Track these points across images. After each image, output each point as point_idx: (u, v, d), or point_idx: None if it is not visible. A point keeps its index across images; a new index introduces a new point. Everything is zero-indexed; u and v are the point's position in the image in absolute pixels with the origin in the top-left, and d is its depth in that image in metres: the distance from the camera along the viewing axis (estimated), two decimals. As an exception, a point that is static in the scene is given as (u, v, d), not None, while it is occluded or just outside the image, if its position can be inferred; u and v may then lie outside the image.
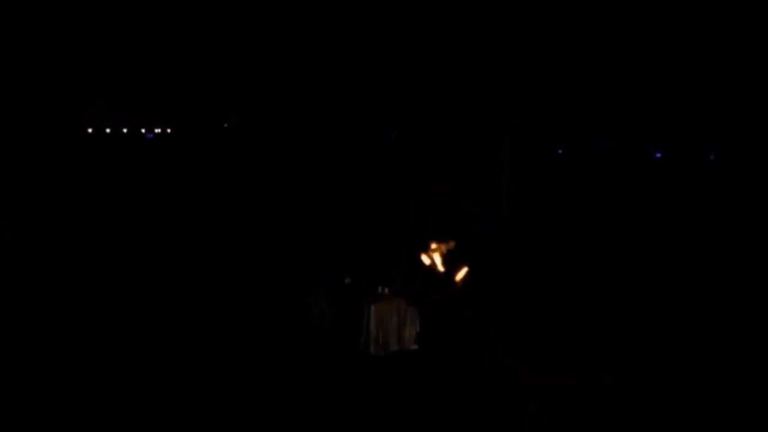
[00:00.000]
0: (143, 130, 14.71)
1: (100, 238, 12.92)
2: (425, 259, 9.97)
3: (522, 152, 12.23)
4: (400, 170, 12.59)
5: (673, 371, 8.64)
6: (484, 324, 10.08)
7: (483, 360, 9.12)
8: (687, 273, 10.97)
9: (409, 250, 10.64)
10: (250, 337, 9.77)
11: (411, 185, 12.05)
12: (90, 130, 14.18)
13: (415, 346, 10.00)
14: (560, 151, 12.61)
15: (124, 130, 14.55)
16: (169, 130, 14.83)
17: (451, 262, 9.97)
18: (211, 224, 13.36)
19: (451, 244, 10.07)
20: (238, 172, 14.14)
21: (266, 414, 7.72)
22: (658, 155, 12.07)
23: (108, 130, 14.43)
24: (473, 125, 12.42)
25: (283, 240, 12.51)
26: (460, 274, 9.80)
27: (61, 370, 8.56)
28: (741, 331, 9.64)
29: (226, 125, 14.98)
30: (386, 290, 10.08)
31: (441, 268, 9.91)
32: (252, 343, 9.59)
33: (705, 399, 7.92)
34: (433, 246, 10.02)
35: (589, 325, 10.01)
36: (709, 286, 10.62)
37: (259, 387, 8.32)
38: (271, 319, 10.32)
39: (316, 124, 13.82)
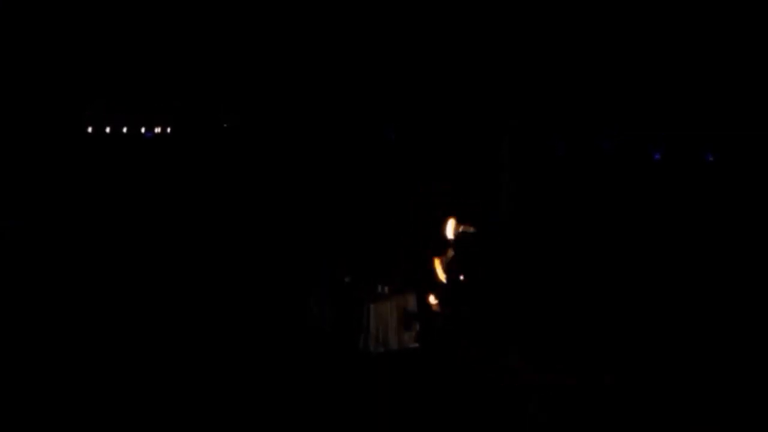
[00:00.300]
0: (143, 130, 14.71)
1: (100, 238, 12.92)
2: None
3: (522, 152, 12.24)
4: (400, 170, 12.59)
5: (673, 371, 8.64)
6: (485, 324, 10.08)
7: (483, 360, 9.12)
8: (687, 272, 10.97)
9: (408, 250, 10.66)
10: (250, 337, 9.77)
11: (411, 185, 12.06)
12: (90, 130, 14.18)
13: (416, 345, 10.02)
14: (560, 152, 12.63)
15: (124, 130, 14.56)
16: (168, 130, 14.83)
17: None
18: (210, 224, 13.36)
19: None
20: (238, 172, 14.13)
21: (266, 414, 7.72)
22: (657, 156, 12.08)
23: (108, 130, 14.44)
24: (473, 125, 12.43)
25: (283, 240, 12.51)
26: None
27: (61, 370, 8.56)
28: (741, 330, 9.65)
29: (225, 125, 14.98)
30: (386, 289, 10.11)
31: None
32: (252, 343, 9.59)
33: (705, 399, 7.92)
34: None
35: (589, 325, 10.01)
36: (709, 286, 10.63)
37: (259, 387, 8.32)
38: (271, 319, 10.32)
39: (316, 124, 13.82)
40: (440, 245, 9.58)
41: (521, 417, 7.64)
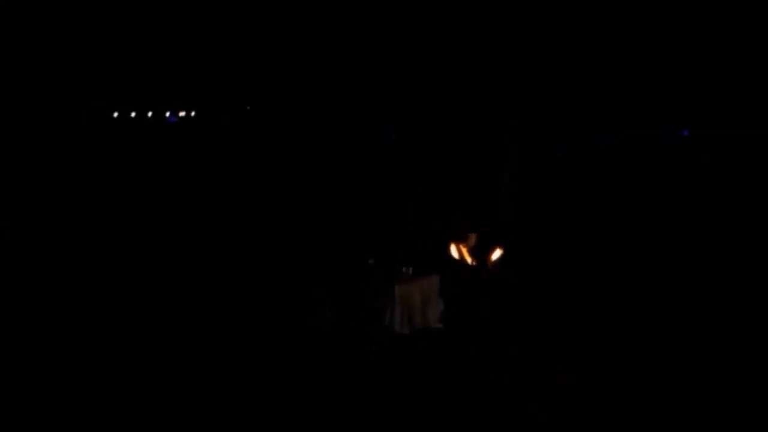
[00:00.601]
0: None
1: (100, 238, 12.93)
2: (454, 252, 10.17)
3: (522, 152, 12.26)
4: (401, 170, 12.62)
5: (672, 371, 8.64)
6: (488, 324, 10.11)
7: (483, 360, 9.13)
8: (687, 272, 10.99)
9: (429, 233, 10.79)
10: (251, 336, 9.77)
11: (411, 185, 12.07)
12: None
13: (440, 325, 10.12)
14: (560, 152, 12.66)
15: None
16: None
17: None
18: (211, 225, 13.36)
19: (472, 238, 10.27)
20: (238, 172, 14.14)
21: (266, 414, 7.72)
22: (657, 154, 12.11)
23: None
24: (473, 125, 12.45)
25: (284, 240, 12.52)
26: (495, 255, 10.06)
27: (62, 370, 8.56)
28: (741, 330, 9.65)
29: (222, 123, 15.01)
30: (410, 270, 10.19)
31: (469, 260, 10.14)
32: (252, 343, 9.59)
33: (705, 399, 7.93)
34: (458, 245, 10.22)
35: (589, 325, 10.02)
36: (709, 285, 10.64)
37: (259, 387, 8.32)
38: (272, 319, 10.32)
39: (317, 124, 13.83)
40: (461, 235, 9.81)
41: (521, 417, 7.64)
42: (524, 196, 12.18)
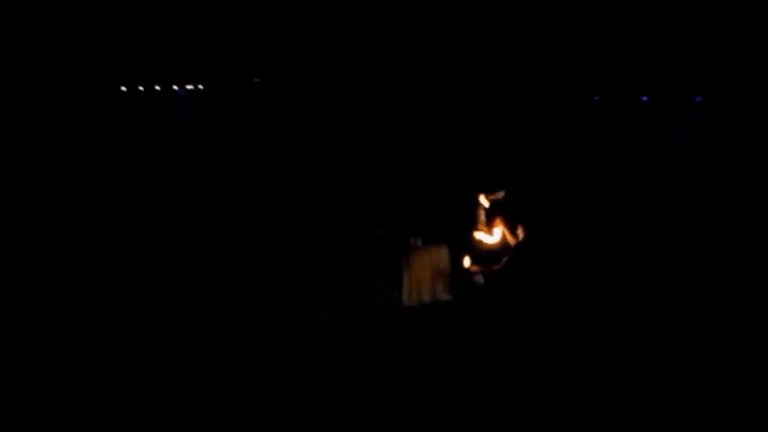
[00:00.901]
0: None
1: (99, 238, 12.92)
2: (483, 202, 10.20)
3: (522, 152, 12.27)
4: (401, 170, 12.60)
5: (673, 371, 8.64)
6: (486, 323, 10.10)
7: (483, 360, 9.13)
8: (687, 272, 10.98)
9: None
10: (251, 336, 9.77)
11: (411, 185, 12.07)
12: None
13: (448, 297, 10.10)
14: (560, 152, 12.65)
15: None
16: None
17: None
18: (209, 225, 13.35)
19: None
20: (237, 173, 14.13)
21: (266, 414, 7.73)
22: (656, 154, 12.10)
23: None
24: (473, 125, 12.45)
25: (284, 239, 12.51)
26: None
27: (62, 370, 8.57)
28: (741, 331, 9.65)
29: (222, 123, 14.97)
30: (419, 242, 10.20)
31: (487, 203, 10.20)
32: (252, 342, 9.59)
33: (705, 399, 7.93)
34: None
35: (589, 325, 10.02)
36: (709, 285, 10.64)
37: (259, 387, 8.32)
38: (272, 319, 10.32)
39: (316, 124, 13.82)
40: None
41: (521, 417, 7.65)
42: (524, 195, 12.17)
